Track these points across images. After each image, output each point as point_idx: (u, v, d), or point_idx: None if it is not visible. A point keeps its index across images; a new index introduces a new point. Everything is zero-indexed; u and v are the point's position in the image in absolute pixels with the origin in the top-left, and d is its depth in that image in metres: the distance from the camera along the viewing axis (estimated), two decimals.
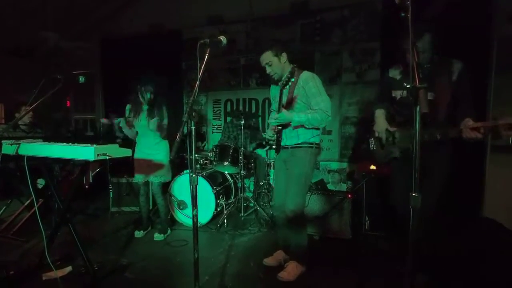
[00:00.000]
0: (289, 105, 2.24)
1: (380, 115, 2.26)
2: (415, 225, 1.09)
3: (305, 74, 2.24)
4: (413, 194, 1.07)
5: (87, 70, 5.61)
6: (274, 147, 2.35)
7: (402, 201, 1.71)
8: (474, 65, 2.03)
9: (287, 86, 2.21)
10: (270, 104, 4.49)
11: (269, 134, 2.38)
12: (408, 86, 1.02)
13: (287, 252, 2.47)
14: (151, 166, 3.03)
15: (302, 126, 2.22)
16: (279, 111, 2.17)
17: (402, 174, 2.04)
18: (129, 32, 5.03)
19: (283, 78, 2.24)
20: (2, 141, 2.23)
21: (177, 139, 1.43)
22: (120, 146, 2.12)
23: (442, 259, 2.30)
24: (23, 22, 4.51)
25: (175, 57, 4.95)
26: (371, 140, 2.32)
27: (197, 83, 1.49)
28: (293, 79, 2.17)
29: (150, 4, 4.79)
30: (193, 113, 1.42)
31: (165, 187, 3.25)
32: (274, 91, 2.48)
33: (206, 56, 1.60)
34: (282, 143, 2.32)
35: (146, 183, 3.14)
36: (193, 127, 1.47)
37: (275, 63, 2.25)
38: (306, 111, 2.20)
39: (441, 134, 1.82)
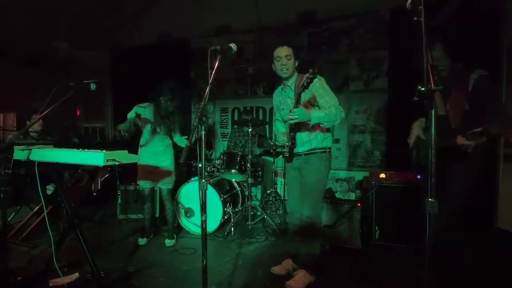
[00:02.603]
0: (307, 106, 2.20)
1: (416, 122, 2.26)
2: (431, 230, 1.06)
3: None
4: (430, 200, 1.05)
5: (97, 79, 5.71)
6: (286, 155, 2.25)
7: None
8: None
9: (307, 88, 2.08)
10: None
11: (280, 138, 2.33)
12: (422, 89, 1.02)
13: (296, 261, 2.42)
14: (159, 173, 3.03)
15: (318, 126, 2.18)
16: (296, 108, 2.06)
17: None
18: (138, 41, 5.13)
19: (293, 86, 2.26)
20: (14, 147, 2.26)
21: (187, 144, 1.43)
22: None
23: (457, 270, 2.23)
24: (35, 32, 4.64)
25: (183, 66, 5.02)
26: (414, 151, 2.32)
27: (208, 88, 1.50)
28: (316, 79, 2.03)
29: (159, 14, 4.88)
30: (204, 118, 1.43)
31: (173, 193, 3.25)
32: (277, 98, 2.48)
33: (217, 63, 1.62)
34: (294, 150, 2.28)
35: (153, 191, 3.14)
36: (203, 132, 1.47)
37: (292, 60, 2.27)
38: (320, 109, 2.17)
39: (448, 142, 1.82)
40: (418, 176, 2.82)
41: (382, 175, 3.08)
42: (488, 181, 3.24)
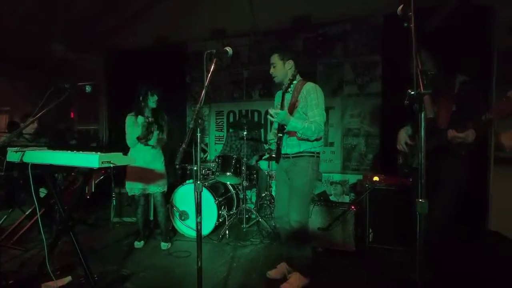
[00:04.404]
0: (290, 111, 2.26)
1: (401, 131, 2.37)
2: (423, 231, 1.09)
3: (309, 85, 2.27)
4: (420, 200, 1.08)
5: (92, 81, 5.68)
6: (274, 155, 2.34)
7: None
8: (475, 78, 2.06)
9: (290, 90, 2.29)
10: None
11: (271, 136, 2.38)
12: (412, 92, 1.05)
13: (291, 264, 2.43)
14: (152, 176, 3.02)
15: (295, 134, 2.22)
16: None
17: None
18: (134, 45, 5.13)
19: (285, 83, 2.30)
20: (7, 149, 2.25)
21: (183, 146, 1.44)
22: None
23: (448, 273, 2.26)
24: (31, 35, 4.62)
25: (179, 70, 5.03)
26: (399, 155, 2.43)
27: (204, 91, 1.52)
28: (295, 82, 2.22)
29: (155, 18, 4.91)
30: (200, 120, 1.44)
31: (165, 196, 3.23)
32: (278, 99, 2.50)
33: (213, 66, 1.64)
34: (283, 151, 2.32)
35: (144, 194, 3.13)
36: (198, 134, 1.48)
37: (278, 66, 2.30)
38: (303, 120, 2.21)
39: (436, 141, 1.89)
40: (411, 179, 2.86)
41: (376, 178, 3.11)
42: (479, 184, 3.29)
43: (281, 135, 2.29)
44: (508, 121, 1.75)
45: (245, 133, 3.54)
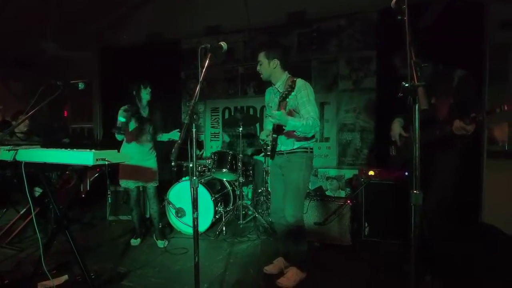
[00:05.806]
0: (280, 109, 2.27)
1: (395, 122, 2.40)
2: (417, 222, 1.10)
3: (299, 83, 2.26)
4: (414, 192, 1.09)
5: (85, 79, 5.63)
6: (268, 153, 2.36)
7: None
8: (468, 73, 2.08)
9: (279, 89, 2.30)
10: None
11: (263, 136, 2.39)
12: (406, 85, 1.06)
13: (287, 259, 2.45)
14: (146, 172, 3.03)
15: (293, 133, 2.21)
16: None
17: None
18: (127, 41, 5.08)
19: (281, 88, 2.28)
20: (0, 148, 2.21)
21: (179, 141, 1.43)
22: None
23: (443, 265, 2.29)
24: (23, 32, 4.55)
25: (173, 66, 4.99)
26: (392, 147, 2.46)
27: (198, 86, 1.51)
28: (293, 93, 2.17)
29: (148, 15, 4.85)
30: (195, 116, 1.43)
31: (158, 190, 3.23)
32: (268, 95, 2.51)
33: (207, 61, 1.63)
34: (277, 149, 2.34)
35: (139, 191, 3.13)
36: (193, 130, 1.48)
37: (264, 64, 2.32)
38: (299, 118, 2.21)
39: (439, 131, 1.93)
40: (406, 173, 2.89)
41: (371, 173, 3.14)
42: (473, 177, 3.33)
43: (275, 136, 2.28)
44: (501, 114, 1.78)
45: (240, 129, 3.53)
